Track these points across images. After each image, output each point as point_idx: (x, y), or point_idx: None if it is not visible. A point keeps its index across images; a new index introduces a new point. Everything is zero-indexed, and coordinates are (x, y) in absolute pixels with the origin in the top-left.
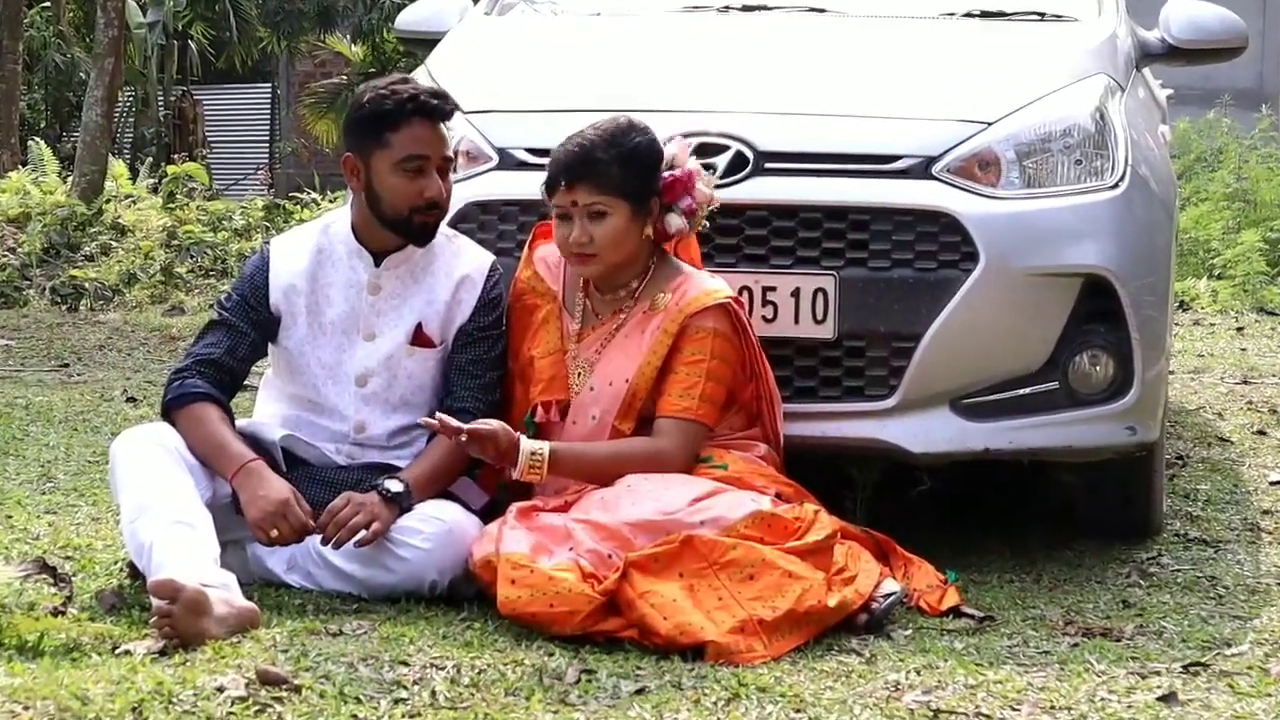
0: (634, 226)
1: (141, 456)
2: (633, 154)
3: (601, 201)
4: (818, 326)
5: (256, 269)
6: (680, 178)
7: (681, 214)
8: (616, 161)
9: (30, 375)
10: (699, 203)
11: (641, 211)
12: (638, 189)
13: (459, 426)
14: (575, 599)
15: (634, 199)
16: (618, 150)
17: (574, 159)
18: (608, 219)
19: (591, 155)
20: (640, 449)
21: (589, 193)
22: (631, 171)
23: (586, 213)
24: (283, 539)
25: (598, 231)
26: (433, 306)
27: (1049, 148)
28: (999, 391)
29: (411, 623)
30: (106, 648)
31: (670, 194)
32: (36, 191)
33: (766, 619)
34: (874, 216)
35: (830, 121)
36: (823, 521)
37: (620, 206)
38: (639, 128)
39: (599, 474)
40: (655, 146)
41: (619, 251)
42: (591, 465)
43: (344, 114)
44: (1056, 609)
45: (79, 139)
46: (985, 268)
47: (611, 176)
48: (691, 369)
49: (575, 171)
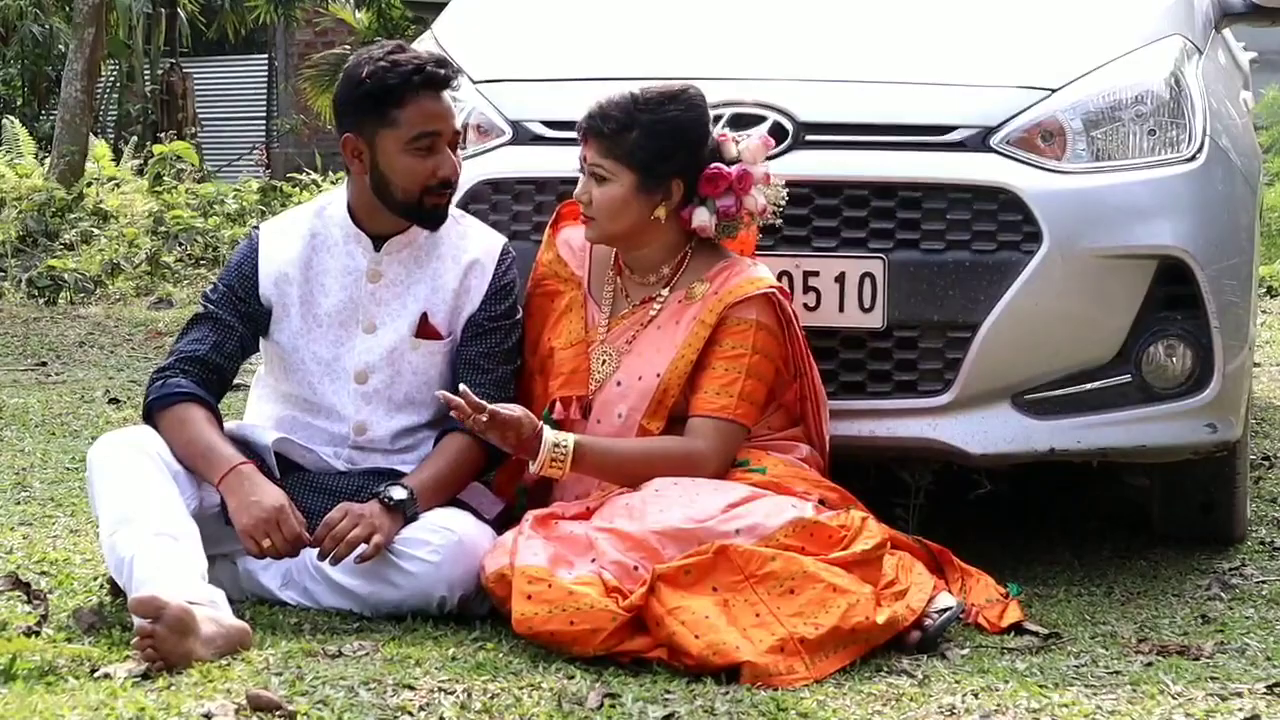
0: (638, 201)
1: (122, 463)
2: (658, 125)
3: (604, 165)
4: (865, 315)
5: (244, 257)
6: (726, 174)
7: (716, 213)
8: (639, 129)
9: (4, 375)
10: (748, 210)
11: (651, 189)
12: (652, 164)
13: (480, 403)
14: (597, 616)
15: (644, 173)
16: (645, 118)
17: (598, 113)
18: (608, 184)
19: (612, 114)
20: (673, 449)
21: (595, 153)
22: (649, 144)
23: (590, 171)
24: (275, 550)
25: (596, 195)
26: (439, 294)
27: (1119, 116)
28: (1065, 386)
29: (418, 643)
30: (84, 671)
31: (709, 187)
32: (11, 174)
33: (808, 637)
34: (926, 193)
35: (877, 89)
36: (871, 530)
37: (624, 175)
38: (684, 101)
39: (625, 474)
40: (695, 125)
41: (615, 222)
42: (618, 463)
43: (336, 89)
44: (1129, 625)
45: (57, 117)
46: (1049, 249)
47: (624, 143)
48: (730, 364)
49: (593, 126)
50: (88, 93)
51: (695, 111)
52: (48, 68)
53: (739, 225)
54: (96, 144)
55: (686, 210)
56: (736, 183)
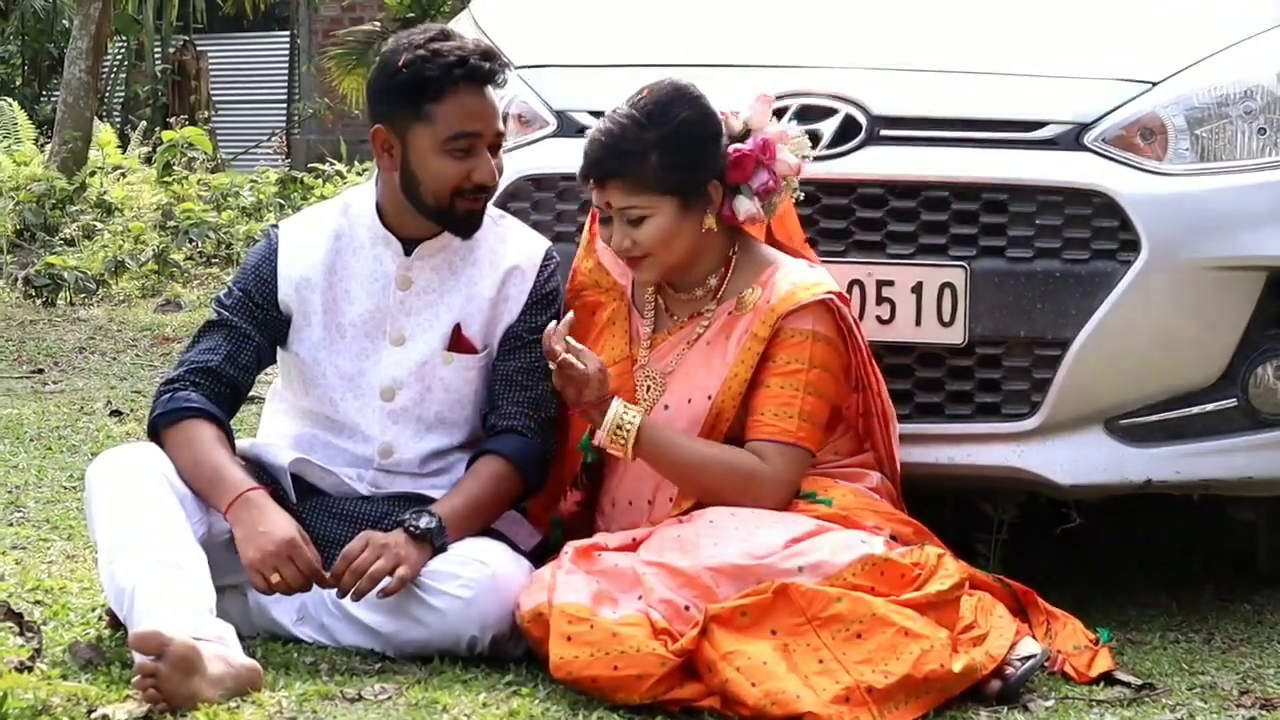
0: (687, 224)
1: (123, 484)
2: (674, 137)
3: (637, 204)
4: (944, 330)
5: (262, 258)
6: (750, 152)
7: (754, 195)
8: (655, 149)
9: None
10: (781, 176)
11: (694, 204)
12: (685, 180)
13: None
14: (644, 660)
15: (682, 192)
16: (656, 134)
17: (601, 152)
18: (650, 221)
19: (619, 147)
20: (739, 463)
21: (622, 194)
22: (675, 159)
23: (624, 217)
24: (286, 586)
25: (641, 236)
26: (474, 304)
27: (1226, 113)
28: (1164, 410)
29: (445, 686)
30: (81, 711)
31: (738, 173)
32: (8, 162)
33: (877, 686)
34: (1013, 196)
35: (960, 80)
36: (947, 568)
37: (664, 204)
38: (685, 98)
39: (683, 474)
40: (707, 120)
41: (672, 253)
42: (678, 460)
43: (371, 74)
44: (1230, 675)
45: (59, 99)
46: (1148, 259)
47: (648, 171)
48: (787, 381)
49: (604, 167)
50: (92, 73)
51: (700, 104)
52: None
53: (781, 197)
54: (101, 129)
55: (726, 207)
56: (761, 154)
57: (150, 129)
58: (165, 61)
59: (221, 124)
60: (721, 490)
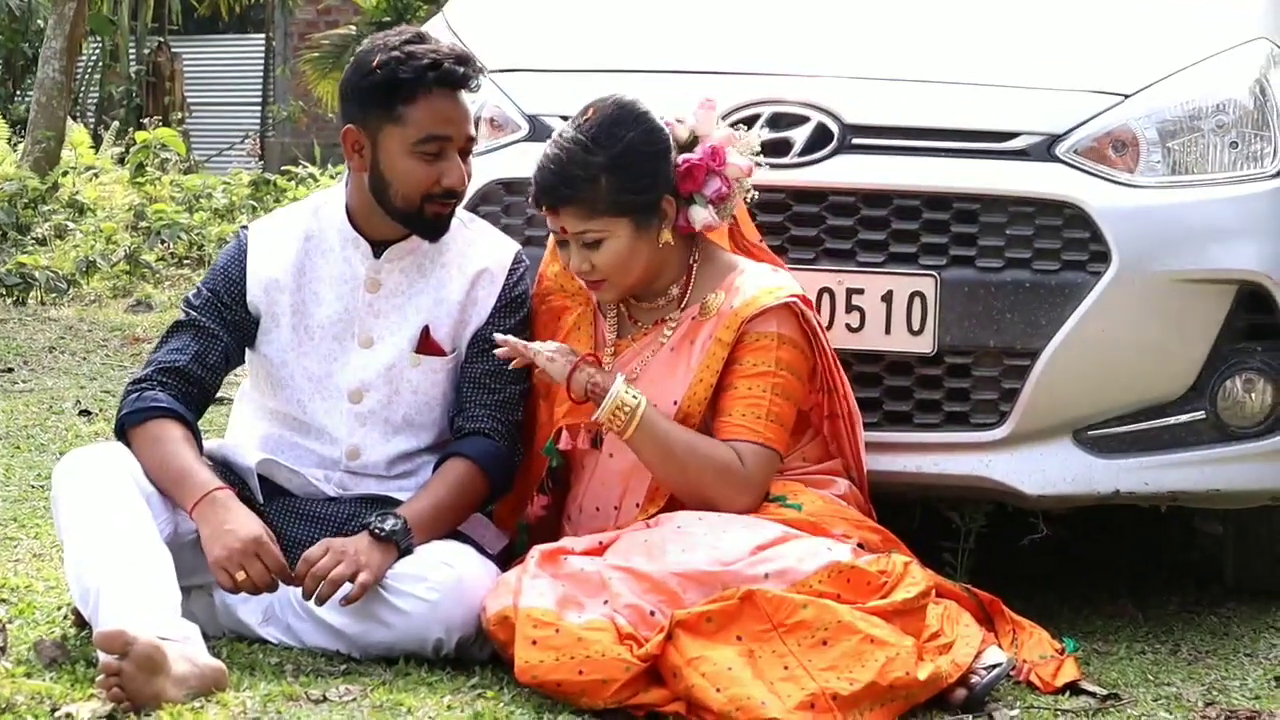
0: (643, 242)
1: (89, 483)
2: (623, 158)
3: (592, 228)
4: (914, 338)
5: (231, 259)
6: (700, 162)
7: (708, 203)
8: (604, 173)
9: None
10: (734, 180)
11: (649, 222)
12: (637, 200)
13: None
14: (609, 665)
15: (635, 212)
16: (604, 157)
17: (550, 179)
18: (606, 244)
19: (568, 173)
20: (722, 456)
21: (575, 220)
22: (625, 181)
23: (580, 241)
24: (251, 584)
25: (598, 259)
26: (443, 306)
27: (1198, 127)
28: (1133, 421)
29: (410, 689)
30: (45, 709)
31: (690, 183)
32: None
33: (842, 693)
34: (984, 206)
35: (932, 90)
36: (914, 576)
37: (618, 226)
38: (630, 117)
39: (670, 461)
40: (654, 137)
41: (630, 274)
42: (670, 445)
43: (344, 74)
44: (1196, 686)
45: (32, 99)
46: (1119, 271)
47: (599, 195)
48: (754, 383)
49: (555, 195)
50: (66, 73)
51: (646, 123)
52: (25, 44)
53: (734, 201)
54: (75, 129)
55: (681, 219)
56: (711, 162)
57: (123, 130)
58: (140, 62)
59: (196, 125)
60: (700, 482)
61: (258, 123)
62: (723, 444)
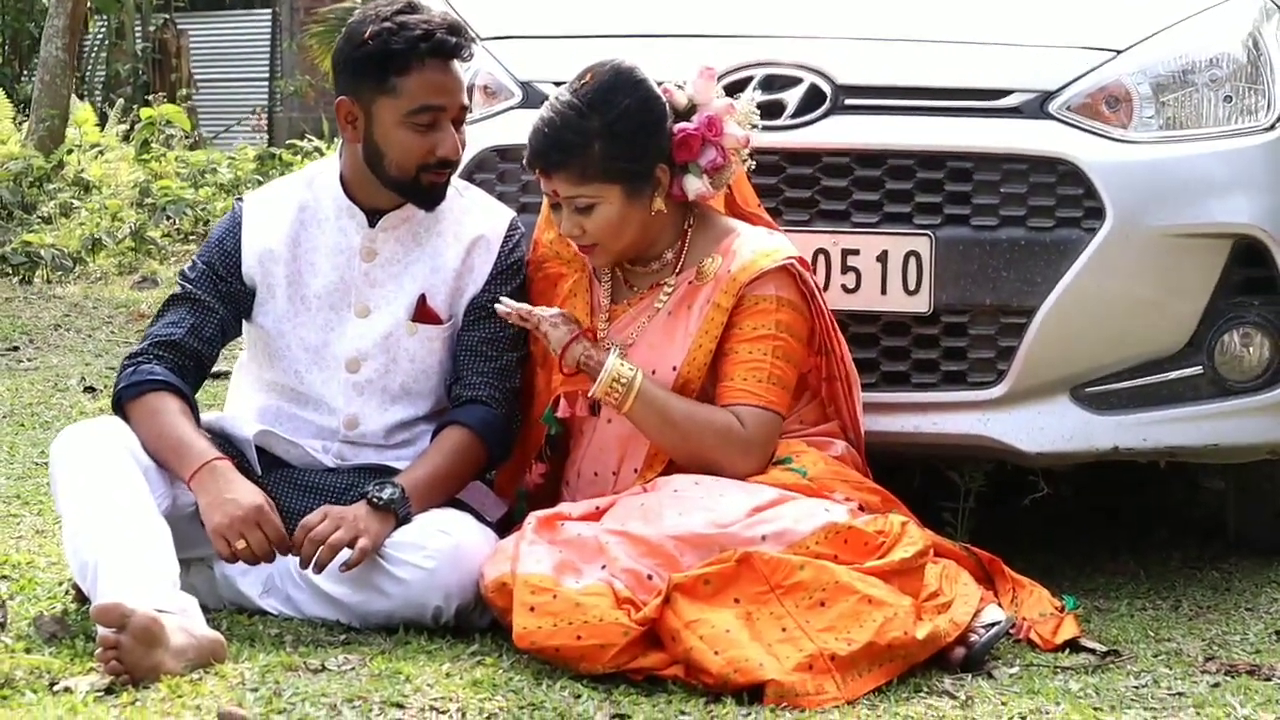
0: (635, 209)
1: (87, 457)
2: (617, 125)
3: (584, 193)
4: (910, 298)
5: (226, 231)
6: (695, 131)
7: (703, 173)
8: (598, 138)
9: None
10: (730, 151)
11: (642, 189)
12: (630, 168)
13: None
14: (607, 629)
15: (628, 179)
16: (599, 123)
17: (543, 142)
18: (597, 209)
19: (562, 137)
20: (722, 421)
21: (568, 184)
22: (619, 148)
23: (572, 205)
24: (250, 553)
25: (589, 224)
26: (439, 274)
27: (1192, 81)
28: (1130, 378)
29: (409, 657)
30: (44, 684)
31: (685, 152)
32: None
33: (840, 654)
34: (978, 164)
35: (924, 49)
36: (912, 536)
37: (610, 192)
38: (627, 83)
39: (670, 430)
40: (651, 104)
41: (621, 239)
42: (669, 415)
43: (337, 45)
44: (1196, 642)
45: (36, 78)
46: (1113, 227)
47: (591, 160)
48: (755, 346)
49: (548, 159)
50: (69, 51)
51: (642, 89)
52: (30, 24)
53: (730, 171)
54: (80, 107)
55: (675, 187)
56: (707, 132)
57: (129, 107)
58: (145, 40)
59: (203, 102)
60: (702, 448)
61: (265, 98)
62: (721, 409)
